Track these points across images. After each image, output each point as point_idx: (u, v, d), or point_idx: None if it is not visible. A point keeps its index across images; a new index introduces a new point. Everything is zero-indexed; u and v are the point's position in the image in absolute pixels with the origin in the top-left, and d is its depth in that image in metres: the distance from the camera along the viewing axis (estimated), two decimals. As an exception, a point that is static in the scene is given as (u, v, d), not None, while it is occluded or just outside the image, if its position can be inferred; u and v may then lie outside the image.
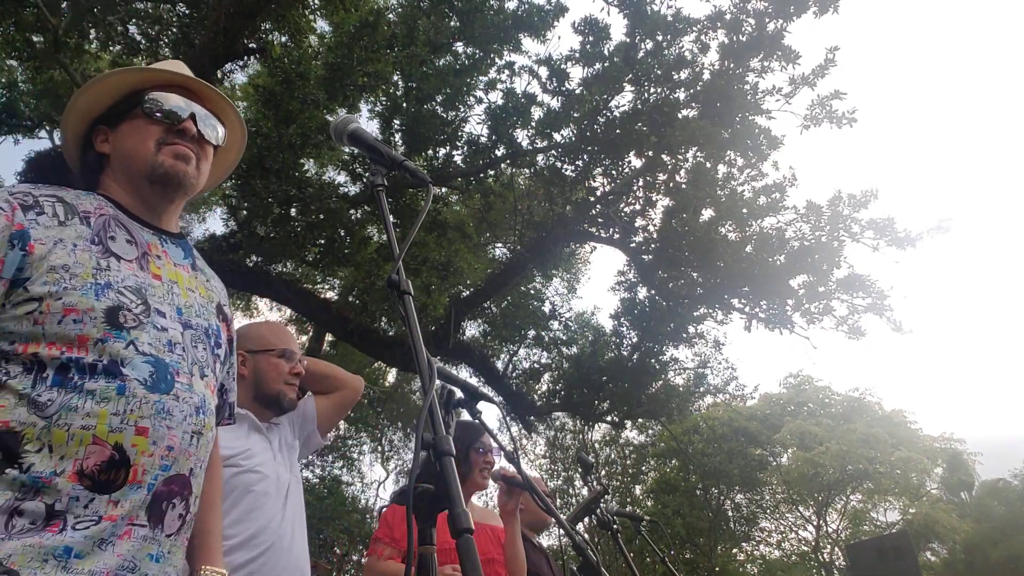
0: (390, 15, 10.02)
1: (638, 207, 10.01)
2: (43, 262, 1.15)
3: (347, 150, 9.66)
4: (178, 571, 1.23)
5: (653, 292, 10.40)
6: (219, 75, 8.45)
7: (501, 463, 2.65)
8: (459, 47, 9.89)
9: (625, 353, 10.88)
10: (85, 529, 1.07)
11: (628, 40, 9.00)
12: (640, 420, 13.86)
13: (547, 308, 13.00)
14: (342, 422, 19.92)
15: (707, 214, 9.58)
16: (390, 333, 10.37)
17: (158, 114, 1.35)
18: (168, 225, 1.40)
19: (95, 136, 1.39)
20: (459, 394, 1.36)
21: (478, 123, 10.25)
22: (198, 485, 1.27)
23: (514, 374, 12.19)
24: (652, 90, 9.22)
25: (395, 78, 9.69)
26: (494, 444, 2.74)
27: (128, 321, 1.18)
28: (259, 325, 2.30)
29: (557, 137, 9.71)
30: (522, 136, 10.08)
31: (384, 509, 2.74)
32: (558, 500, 21.08)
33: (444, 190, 10.90)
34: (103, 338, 1.14)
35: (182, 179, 1.36)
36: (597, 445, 22.25)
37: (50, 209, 1.21)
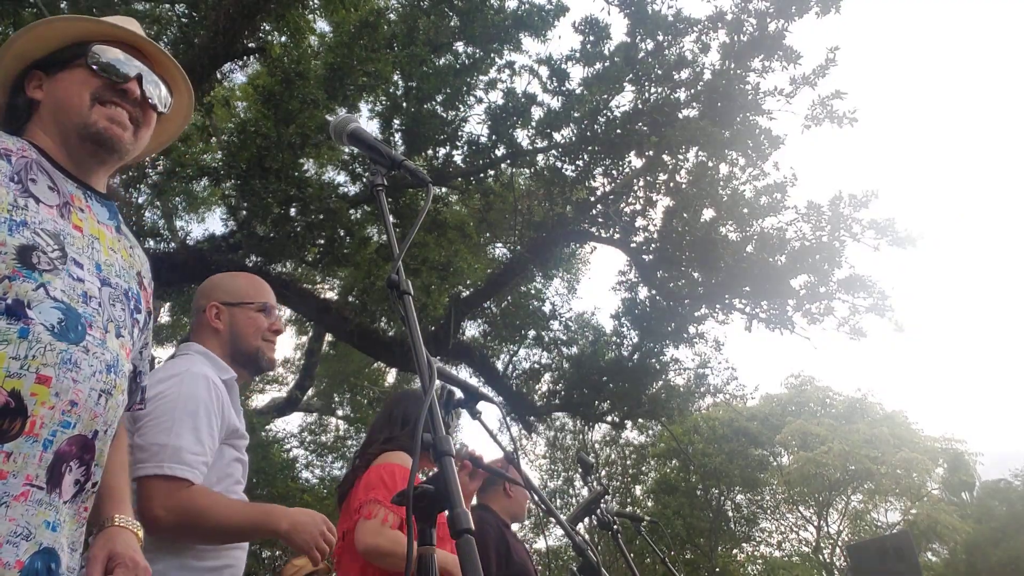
0: (390, 15, 10.02)
1: (638, 207, 10.01)
2: None
3: (347, 150, 9.66)
4: (72, 545, 1.12)
5: (654, 292, 10.40)
6: (218, 75, 8.44)
7: (468, 448, 2.55)
8: (459, 47, 9.89)
9: (625, 353, 10.88)
10: None
11: (629, 40, 9.01)
12: (640, 420, 13.84)
13: (547, 308, 12.99)
14: (342, 422, 19.92)
15: (708, 214, 9.58)
16: (390, 333, 10.36)
17: (96, 67, 1.26)
18: (95, 184, 1.31)
19: (28, 80, 1.29)
20: (459, 394, 1.36)
21: (478, 123, 10.27)
22: (101, 452, 1.16)
23: (514, 374, 12.18)
24: (653, 90, 9.23)
25: (395, 78, 9.68)
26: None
27: (42, 263, 1.08)
28: (235, 276, 2.07)
29: (557, 137, 9.71)
30: (522, 136, 10.10)
31: (357, 462, 2.47)
32: (558, 500, 21.09)
33: (444, 190, 10.90)
34: (11, 275, 1.05)
35: (115, 144, 1.27)
36: (597, 445, 22.25)
37: None
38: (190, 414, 1.63)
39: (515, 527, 3.21)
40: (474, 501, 2.95)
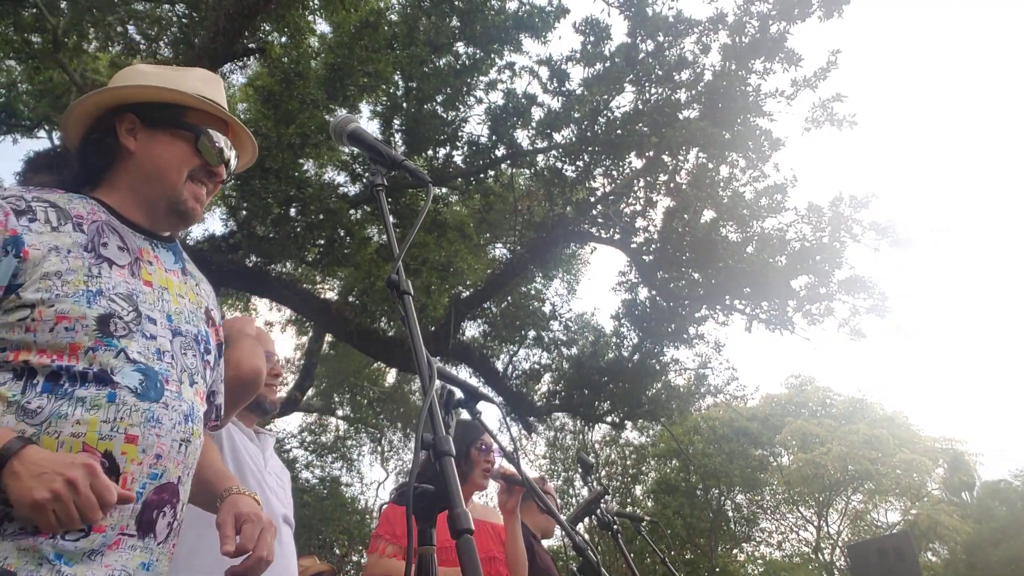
0: (391, 15, 10.02)
1: (639, 207, 10.00)
2: (37, 268, 1.14)
3: (347, 150, 9.66)
4: None
5: (654, 293, 10.39)
6: (219, 75, 8.44)
7: (501, 462, 2.64)
8: (460, 47, 9.89)
9: (626, 354, 10.87)
10: (75, 540, 1.07)
11: (629, 41, 9.00)
12: (640, 421, 13.84)
13: (547, 309, 12.99)
14: (342, 423, 19.91)
15: (708, 215, 9.57)
16: (390, 333, 10.36)
17: (202, 151, 1.35)
18: (159, 230, 1.38)
19: (121, 121, 1.33)
20: (459, 394, 1.35)
21: (478, 123, 10.27)
22: (185, 492, 1.27)
23: (514, 375, 12.17)
24: (653, 91, 9.22)
25: (396, 78, 9.69)
26: (495, 444, 2.74)
27: (118, 329, 1.17)
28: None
29: (557, 137, 9.71)
30: (522, 136, 10.09)
31: (384, 507, 2.72)
32: (558, 500, 21.05)
33: (444, 190, 10.90)
34: (94, 346, 1.14)
35: (193, 219, 1.37)
36: (597, 445, 22.23)
37: (42, 215, 1.19)
38: None
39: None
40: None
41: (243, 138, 1.47)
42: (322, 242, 9.35)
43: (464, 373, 11.05)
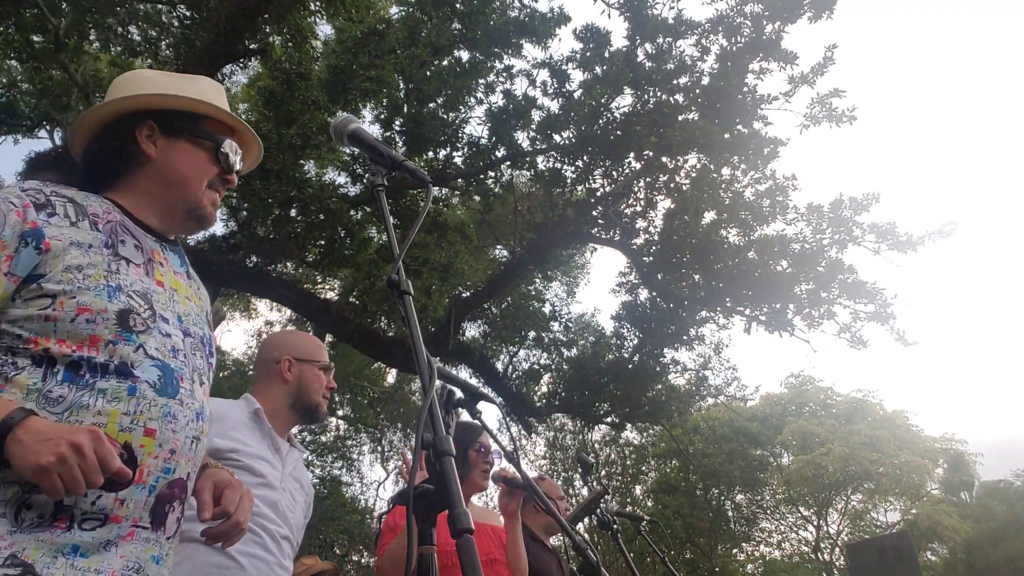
0: (392, 16, 10.03)
1: (639, 208, 10.01)
2: (58, 260, 1.15)
3: (347, 151, 9.66)
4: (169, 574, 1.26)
5: (654, 294, 10.39)
6: (219, 76, 8.45)
7: (501, 464, 2.64)
8: (461, 51, 9.91)
9: (626, 355, 10.86)
10: (92, 530, 1.09)
11: (628, 44, 9.00)
12: (640, 422, 13.85)
13: (547, 309, 13.00)
14: (342, 423, 19.92)
15: (708, 217, 9.56)
16: (390, 334, 10.37)
17: (221, 160, 1.40)
18: (172, 233, 1.42)
19: (140, 127, 1.36)
20: (459, 394, 1.36)
21: (478, 124, 10.27)
22: (191, 489, 1.30)
23: (514, 375, 12.18)
24: (652, 93, 9.22)
25: (397, 80, 9.69)
26: (494, 445, 2.75)
27: (137, 325, 1.19)
28: (302, 335, 2.39)
29: (557, 139, 9.71)
30: (522, 138, 10.09)
31: (384, 515, 2.70)
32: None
33: (444, 191, 10.91)
34: (114, 340, 1.15)
35: (210, 224, 1.44)
36: (597, 445, 22.24)
37: (62, 210, 1.21)
38: None
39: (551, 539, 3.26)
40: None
41: (250, 141, 1.52)
42: (322, 242, 9.36)
43: (464, 373, 11.06)
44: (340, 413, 19.50)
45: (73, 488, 1.00)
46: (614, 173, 9.75)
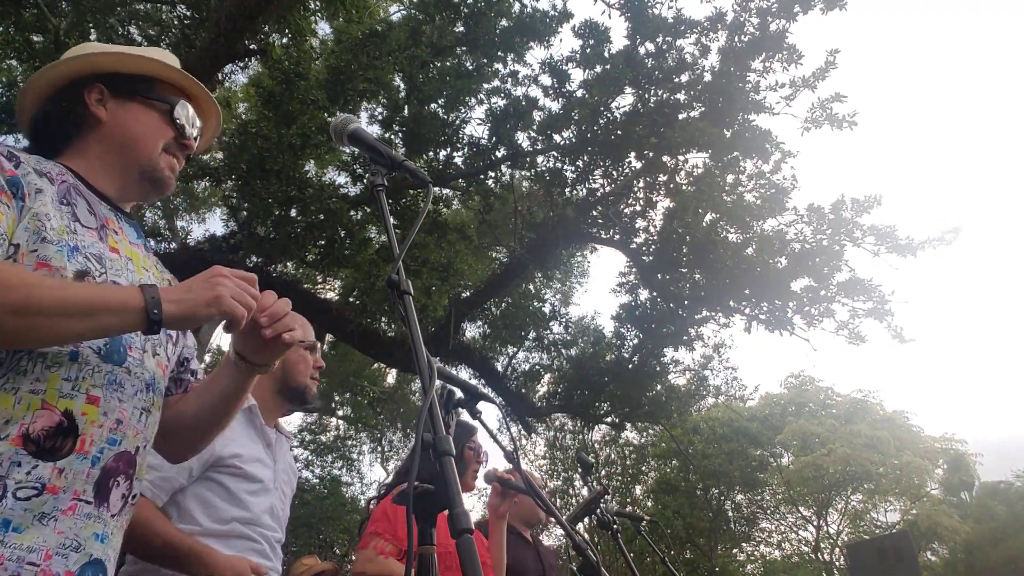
0: (394, 17, 10.05)
1: (639, 208, 10.01)
2: (28, 210, 1.10)
3: (347, 151, 9.66)
4: (116, 556, 1.18)
5: (654, 294, 10.39)
6: (219, 76, 8.45)
7: (494, 465, 2.64)
8: (462, 52, 9.92)
9: (626, 355, 10.87)
10: (26, 500, 1.01)
11: (629, 43, 9.01)
12: (640, 423, 13.85)
13: (547, 309, 13.00)
14: (341, 422, 19.92)
15: (708, 216, 9.57)
16: (390, 334, 10.37)
17: (178, 122, 1.35)
18: (124, 204, 1.35)
19: (89, 91, 1.29)
20: (459, 394, 1.36)
21: (479, 125, 10.28)
22: (141, 467, 1.22)
23: (514, 375, 12.18)
24: (653, 92, 9.22)
25: (396, 80, 9.69)
26: (486, 445, 2.75)
27: None
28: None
29: (557, 139, 9.72)
30: (522, 138, 10.10)
31: (374, 501, 2.59)
32: (558, 500, 21.07)
33: (445, 191, 10.91)
34: None
35: (167, 188, 1.36)
36: (597, 445, 22.25)
37: (25, 164, 1.16)
38: None
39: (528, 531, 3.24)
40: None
41: (208, 109, 1.45)
42: (322, 243, 9.35)
43: (464, 374, 11.06)
44: (340, 413, 19.51)
45: (246, 303, 1.11)
46: (614, 173, 9.76)
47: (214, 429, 1.39)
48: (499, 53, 9.61)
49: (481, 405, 1.42)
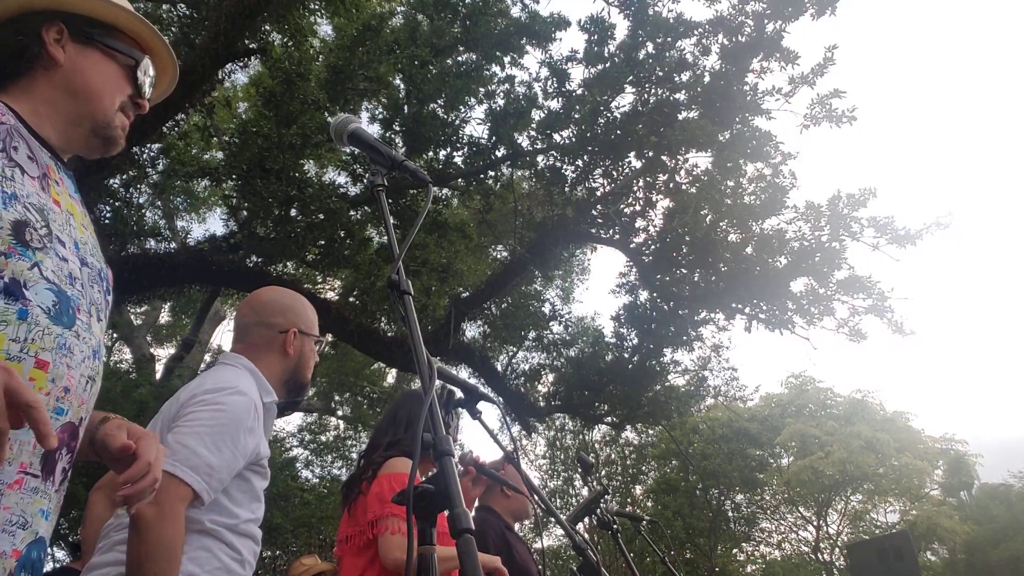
0: (394, 20, 10.06)
1: (638, 208, 10.02)
2: None
3: (347, 150, 9.67)
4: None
5: (654, 294, 10.40)
6: (220, 76, 8.45)
7: (472, 450, 2.61)
8: (461, 52, 9.95)
9: (626, 355, 10.87)
10: None
11: (630, 42, 9.02)
12: (640, 423, 13.86)
13: (547, 309, 13.01)
14: (341, 422, 19.91)
15: (708, 216, 9.58)
16: (390, 333, 10.37)
17: (139, 79, 1.26)
18: (63, 155, 1.23)
19: (48, 27, 1.16)
20: (459, 394, 1.36)
21: (479, 124, 10.30)
22: (81, 439, 1.12)
23: (514, 375, 12.19)
24: (653, 91, 9.24)
25: (396, 80, 9.70)
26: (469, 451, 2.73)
27: (34, 240, 1.02)
28: (305, 302, 2.05)
29: (557, 138, 9.73)
30: (522, 137, 10.11)
31: (376, 469, 2.38)
32: (558, 500, 21.09)
33: (444, 191, 10.92)
34: (7, 252, 0.98)
35: (116, 149, 1.26)
36: (597, 445, 22.26)
37: None
38: (228, 435, 1.60)
39: (516, 526, 3.23)
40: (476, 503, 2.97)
41: (166, 65, 1.34)
42: (322, 242, 9.35)
43: (464, 373, 11.06)
44: (340, 413, 19.50)
45: None
46: (614, 172, 9.77)
47: None
48: (498, 53, 9.63)
49: (481, 405, 1.42)
